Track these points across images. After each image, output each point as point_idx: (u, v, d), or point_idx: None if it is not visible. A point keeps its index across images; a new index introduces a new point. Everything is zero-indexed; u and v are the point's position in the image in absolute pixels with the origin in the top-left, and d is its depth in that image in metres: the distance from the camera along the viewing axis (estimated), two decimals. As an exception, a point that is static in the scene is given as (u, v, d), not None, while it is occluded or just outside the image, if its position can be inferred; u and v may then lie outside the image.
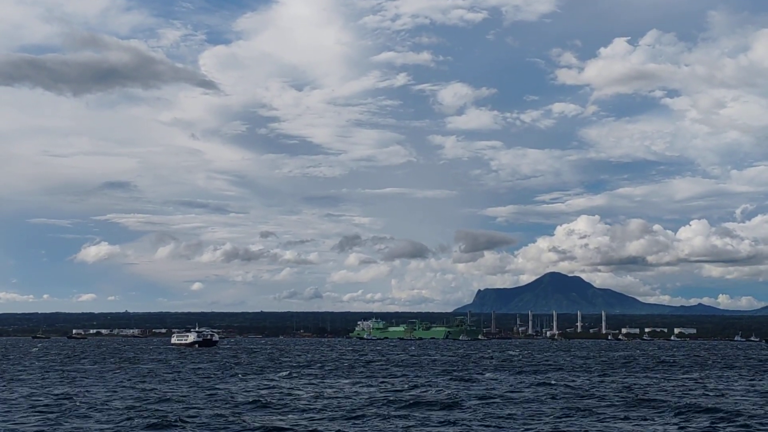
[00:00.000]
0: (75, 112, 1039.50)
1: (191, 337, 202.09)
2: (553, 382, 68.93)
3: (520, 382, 68.92)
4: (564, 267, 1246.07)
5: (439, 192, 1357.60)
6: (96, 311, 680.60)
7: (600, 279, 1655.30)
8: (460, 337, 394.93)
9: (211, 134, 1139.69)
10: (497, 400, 51.99)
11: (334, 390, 60.35)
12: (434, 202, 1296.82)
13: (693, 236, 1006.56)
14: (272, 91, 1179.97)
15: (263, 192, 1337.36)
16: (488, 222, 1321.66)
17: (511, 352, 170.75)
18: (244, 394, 56.40)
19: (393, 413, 44.44)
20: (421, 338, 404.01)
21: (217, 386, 63.43)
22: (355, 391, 59.08)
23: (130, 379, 71.83)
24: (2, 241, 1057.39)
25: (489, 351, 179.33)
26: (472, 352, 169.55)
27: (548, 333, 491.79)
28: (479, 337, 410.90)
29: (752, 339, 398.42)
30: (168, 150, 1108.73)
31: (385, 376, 79.29)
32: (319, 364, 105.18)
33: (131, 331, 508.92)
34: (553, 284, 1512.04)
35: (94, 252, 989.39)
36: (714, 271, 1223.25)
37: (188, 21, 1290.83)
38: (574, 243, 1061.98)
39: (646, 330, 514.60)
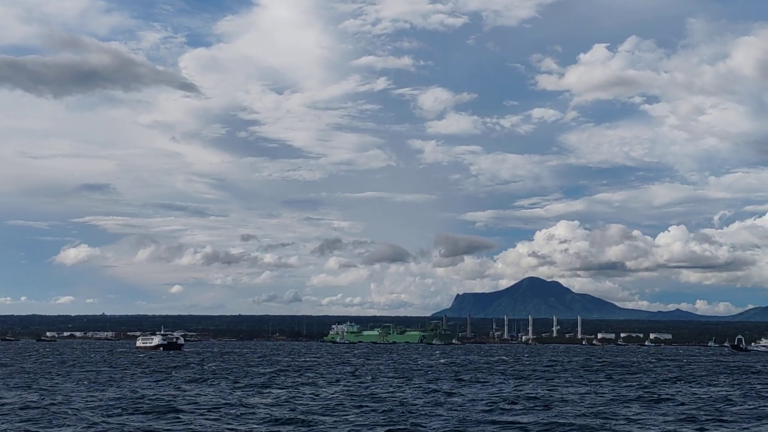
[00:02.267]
0: (54, 114, 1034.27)
1: (156, 341, 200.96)
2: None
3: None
4: (543, 272, 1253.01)
5: (419, 196, 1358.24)
6: (73, 314, 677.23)
7: (579, 284, 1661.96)
8: (434, 342, 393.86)
9: (191, 137, 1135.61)
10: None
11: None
12: (414, 206, 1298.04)
13: (672, 242, 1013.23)
14: (252, 94, 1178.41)
15: (243, 195, 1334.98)
16: (467, 227, 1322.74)
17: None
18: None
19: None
20: (395, 342, 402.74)
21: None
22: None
23: None
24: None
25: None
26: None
27: (523, 338, 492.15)
28: (453, 341, 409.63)
29: (724, 345, 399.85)
30: (147, 152, 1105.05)
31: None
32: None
33: (106, 333, 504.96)
34: (532, 289, 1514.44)
35: (73, 254, 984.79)
36: (692, 276, 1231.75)
37: (168, 23, 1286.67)
38: (553, 248, 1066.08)
39: (622, 335, 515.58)
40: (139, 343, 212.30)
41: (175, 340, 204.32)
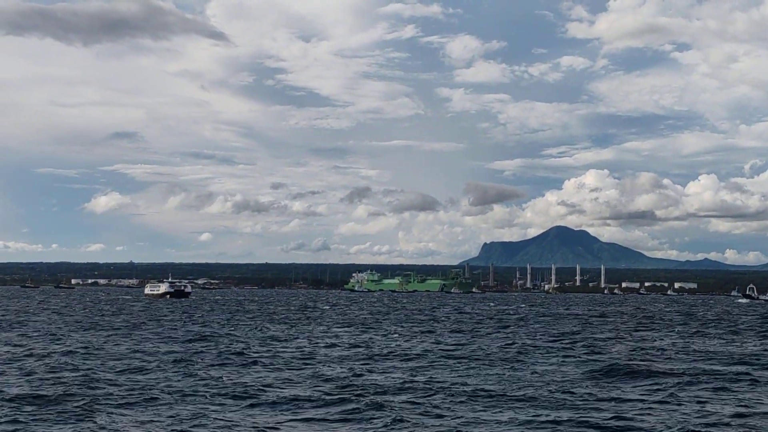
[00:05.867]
0: (84, 62, 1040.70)
1: (163, 288, 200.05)
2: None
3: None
4: (571, 221, 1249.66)
5: (446, 145, 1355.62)
6: (102, 261, 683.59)
7: (608, 233, 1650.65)
8: (452, 291, 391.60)
9: (219, 85, 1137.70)
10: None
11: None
12: (441, 154, 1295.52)
13: (702, 191, 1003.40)
14: (280, 42, 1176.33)
15: (270, 143, 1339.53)
16: (495, 175, 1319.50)
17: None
18: None
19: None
20: (415, 291, 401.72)
21: None
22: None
23: None
24: (11, 190, 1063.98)
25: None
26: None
27: (545, 286, 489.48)
28: (473, 290, 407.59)
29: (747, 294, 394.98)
30: (175, 101, 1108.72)
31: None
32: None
33: (129, 281, 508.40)
34: (559, 238, 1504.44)
35: (103, 202, 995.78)
36: (722, 225, 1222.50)
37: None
38: (583, 197, 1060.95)
39: (646, 284, 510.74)
40: (147, 290, 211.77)
41: (182, 288, 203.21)
